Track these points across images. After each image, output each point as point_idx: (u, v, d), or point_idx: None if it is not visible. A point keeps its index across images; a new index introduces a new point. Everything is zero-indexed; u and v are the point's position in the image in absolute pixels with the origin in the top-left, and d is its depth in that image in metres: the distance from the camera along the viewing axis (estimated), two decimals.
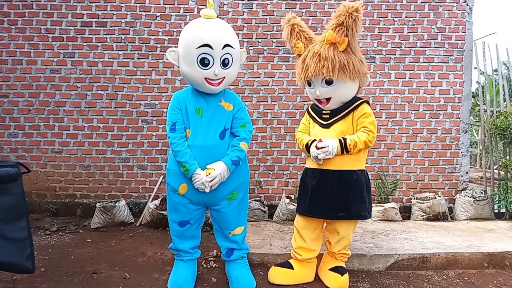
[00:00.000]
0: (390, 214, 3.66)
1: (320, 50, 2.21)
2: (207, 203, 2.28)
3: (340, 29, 2.12)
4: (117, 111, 3.96)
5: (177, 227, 2.29)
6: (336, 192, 2.28)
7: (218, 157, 2.17)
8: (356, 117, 2.30)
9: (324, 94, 2.28)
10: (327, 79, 2.24)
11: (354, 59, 2.23)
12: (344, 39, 2.15)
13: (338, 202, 2.28)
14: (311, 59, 2.23)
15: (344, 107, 2.33)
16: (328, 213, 2.32)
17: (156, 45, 3.94)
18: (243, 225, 2.38)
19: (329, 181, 2.29)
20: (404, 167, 4.03)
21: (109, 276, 2.51)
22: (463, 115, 4.02)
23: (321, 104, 2.35)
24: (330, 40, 2.18)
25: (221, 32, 2.12)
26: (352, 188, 2.30)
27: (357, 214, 2.33)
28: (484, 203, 3.75)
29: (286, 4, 3.97)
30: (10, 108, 3.92)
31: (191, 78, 2.16)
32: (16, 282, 2.38)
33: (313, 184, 2.34)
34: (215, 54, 2.09)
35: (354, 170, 2.31)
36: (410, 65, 4.00)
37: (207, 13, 2.16)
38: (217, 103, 2.24)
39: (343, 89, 2.27)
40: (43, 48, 3.91)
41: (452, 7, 3.97)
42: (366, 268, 2.70)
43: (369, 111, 2.32)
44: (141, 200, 3.94)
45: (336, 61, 2.18)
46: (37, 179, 3.92)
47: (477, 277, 2.59)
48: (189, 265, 2.37)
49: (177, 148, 2.12)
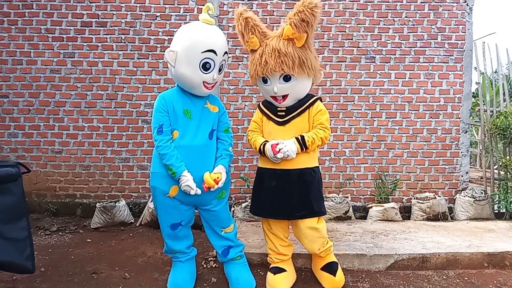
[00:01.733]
0: (390, 214, 3.66)
1: (279, 46, 2.14)
2: (198, 204, 2.28)
3: (301, 25, 2.08)
4: (117, 111, 3.96)
5: (169, 230, 2.28)
6: (298, 191, 2.24)
7: (207, 156, 2.22)
8: (312, 113, 2.27)
9: (281, 91, 2.23)
10: (285, 76, 2.19)
11: (310, 55, 2.20)
12: (303, 35, 2.12)
13: (300, 201, 2.24)
14: (269, 55, 2.16)
15: (299, 104, 2.29)
16: (291, 213, 2.27)
17: (156, 45, 3.94)
18: (233, 222, 2.43)
19: (289, 180, 2.24)
20: (404, 167, 4.03)
21: (109, 276, 2.51)
22: (463, 115, 4.02)
23: (277, 102, 2.29)
24: (288, 36, 2.14)
25: (222, 40, 2.18)
26: (312, 186, 2.27)
27: (319, 211, 2.30)
28: (484, 203, 3.75)
29: (286, 4, 3.97)
30: (10, 108, 3.92)
31: (188, 80, 2.15)
32: (16, 282, 2.38)
33: (273, 185, 2.27)
34: (217, 59, 2.14)
35: (312, 168, 2.29)
36: (410, 65, 4.00)
37: (207, 19, 2.16)
38: (203, 105, 2.27)
39: (299, 86, 2.24)
40: (43, 48, 3.91)
41: (452, 7, 3.97)
42: (366, 268, 2.69)
43: (324, 108, 2.31)
44: (141, 200, 3.94)
45: (295, 57, 2.14)
46: (37, 179, 3.92)
47: (477, 277, 2.59)
48: (187, 265, 2.37)
49: (163, 151, 2.11)
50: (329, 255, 2.44)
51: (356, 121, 4.01)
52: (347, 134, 4.01)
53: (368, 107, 4.00)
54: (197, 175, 2.15)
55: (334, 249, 2.66)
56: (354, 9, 3.97)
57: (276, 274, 2.37)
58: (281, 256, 2.42)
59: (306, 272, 2.62)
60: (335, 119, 3.97)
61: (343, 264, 2.64)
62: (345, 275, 2.49)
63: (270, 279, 2.38)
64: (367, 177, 4.02)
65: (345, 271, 2.55)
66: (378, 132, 4.01)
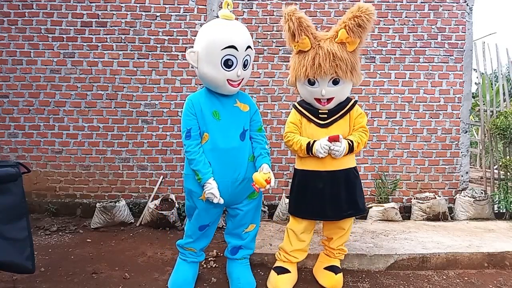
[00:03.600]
0: (390, 214, 3.66)
1: (335, 50, 2.14)
2: (230, 204, 2.26)
3: (357, 30, 2.09)
4: (117, 111, 3.96)
5: (196, 231, 2.27)
6: (346, 191, 2.30)
7: (240, 159, 2.18)
8: (353, 116, 2.33)
9: (329, 94, 2.24)
10: (334, 79, 2.21)
11: (358, 61, 2.26)
12: (357, 40, 2.14)
13: (347, 201, 2.30)
14: (323, 58, 2.15)
15: (340, 107, 2.32)
16: (339, 214, 2.32)
17: (156, 45, 3.94)
18: (256, 223, 2.39)
19: (336, 181, 2.28)
20: (404, 167, 4.03)
21: (109, 276, 2.51)
22: (463, 115, 4.02)
23: (321, 104, 2.29)
24: (342, 40, 2.15)
25: (244, 34, 2.13)
26: (356, 185, 2.34)
27: (363, 209, 2.39)
28: (484, 203, 3.75)
29: (286, 4, 3.96)
30: (10, 108, 3.92)
31: (212, 79, 2.11)
32: (16, 282, 2.38)
33: (320, 187, 2.29)
34: (239, 55, 2.08)
35: (354, 167, 2.37)
36: (410, 65, 4.00)
37: (226, 14, 2.12)
38: (233, 105, 2.22)
39: (345, 90, 2.28)
40: (43, 48, 3.91)
41: (452, 7, 3.97)
42: (366, 268, 2.69)
43: (363, 111, 2.39)
44: (141, 200, 3.94)
45: (349, 62, 2.17)
46: (37, 179, 3.92)
47: (477, 277, 2.59)
48: (191, 267, 2.36)
49: (191, 156, 2.10)
50: (338, 260, 2.49)
51: None
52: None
53: (368, 107, 4.00)
54: (230, 178, 2.14)
55: None
56: None
57: (279, 275, 2.37)
58: (290, 257, 2.42)
59: (306, 272, 2.62)
60: None
61: (343, 264, 2.65)
62: (345, 275, 2.50)
63: (272, 279, 2.38)
64: (367, 177, 4.02)
65: (345, 271, 2.55)
66: (378, 132, 4.01)
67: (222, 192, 2.11)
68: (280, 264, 2.44)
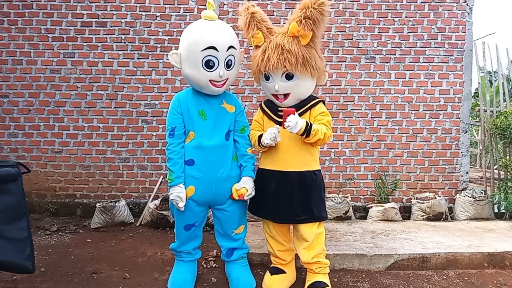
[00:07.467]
0: (390, 214, 3.66)
1: (283, 42, 2.07)
2: (213, 203, 2.27)
3: (307, 23, 2.03)
4: (117, 111, 3.96)
5: (183, 231, 2.28)
6: (298, 195, 2.17)
7: (224, 157, 2.21)
8: (313, 115, 2.21)
9: (282, 90, 2.16)
10: (287, 74, 2.12)
11: (315, 55, 2.14)
12: (308, 33, 2.06)
13: (301, 205, 2.18)
14: (272, 51, 2.08)
15: (301, 105, 2.22)
16: (292, 217, 2.20)
17: (156, 45, 3.94)
18: (244, 223, 2.39)
19: (289, 183, 2.18)
20: (404, 167, 4.03)
21: (109, 276, 2.51)
22: (463, 115, 4.02)
23: (278, 100, 2.22)
24: (293, 33, 2.08)
25: (225, 34, 2.12)
26: (313, 189, 2.20)
27: (319, 216, 2.22)
28: (484, 203, 3.75)
29: (286, 4, 3.97)
30: (10, 108, 3.92)
31: (195, 80, 2.13)
32: (16, 282, 2.38)
33: (273, 187, 2.21)
34: (220, 56, 2.08)
35: (313, 171, 2.22)
36: (410, 65, 4.00)
37: (208, 15, 2.14)
38: (219, 105, 2.24)
39: (302, 86, 2.18)
40: (43, 48, 3.91)
41: (452, 7, 3.97)
42: (366, 268, 2.69)
43: (327, 110, 2.25)
44: (141, 200, 3.94)
45: (299, 55, 2.07)
46: (37, 179, 3.92)
47: (477, 277, 2.59)
48: (189, 266, 2.37)
49: (171, 155, 2.13)
50: (322, 274, 2.28)
51: (356, 121, 4.01)
52: (347, 134, 4.01)
53: (368, 107, 4.00)
54: (214, 176, 2.16)
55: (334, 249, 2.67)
56: (354, 9, 3.97)
57: (273, 275, 2.36)
58: (279, 260, 2.40)
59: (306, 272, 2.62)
60: (335, 119, 3.96)
61: (343, 264, 2.65)
62: (345, 275, 2.50)
63: (266, 279, 2.38)
64: (367, 177, 4.02)
65: (345, 271, 2.56)
66: (378, 132, 4.01)
67: (206, 190, 2.17)
68: (276, 265, 2.43)
